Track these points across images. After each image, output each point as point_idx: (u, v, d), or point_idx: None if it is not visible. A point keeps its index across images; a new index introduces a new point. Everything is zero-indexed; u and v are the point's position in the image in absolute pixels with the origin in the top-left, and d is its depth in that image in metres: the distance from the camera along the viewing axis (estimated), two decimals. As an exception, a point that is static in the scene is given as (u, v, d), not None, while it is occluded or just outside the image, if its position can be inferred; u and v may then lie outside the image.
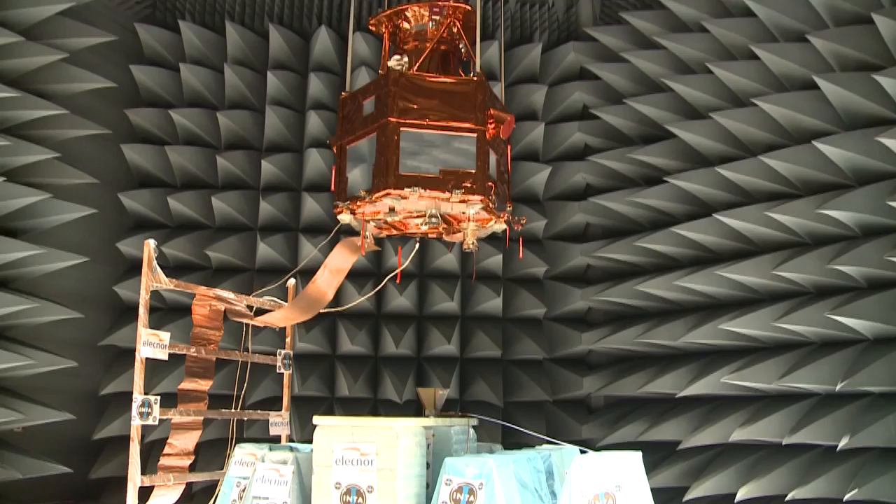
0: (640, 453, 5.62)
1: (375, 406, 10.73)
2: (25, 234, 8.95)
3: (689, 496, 9.16)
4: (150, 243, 6.33)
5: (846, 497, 7.49)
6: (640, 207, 10.43)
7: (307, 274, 7.96)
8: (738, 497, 8.58)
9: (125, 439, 6.28)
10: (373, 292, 9.13)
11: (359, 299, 8.80)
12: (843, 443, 7.71)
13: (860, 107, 7.97)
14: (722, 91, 9.35)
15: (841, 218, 8.07)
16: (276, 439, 7.69)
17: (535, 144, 11.30)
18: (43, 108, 8.96)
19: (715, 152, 9.47)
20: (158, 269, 6.35)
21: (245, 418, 8.33)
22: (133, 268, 10.47)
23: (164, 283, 6.39)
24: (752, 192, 9.10)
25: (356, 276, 10.07)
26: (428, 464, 5.66)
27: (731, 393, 9.24)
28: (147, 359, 6.19)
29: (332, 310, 7.86)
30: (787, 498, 8.17)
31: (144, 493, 6.16)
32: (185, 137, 11.06)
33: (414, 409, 9.92)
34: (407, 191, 5.74)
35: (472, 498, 5.00)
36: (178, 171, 10.99)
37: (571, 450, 6.36)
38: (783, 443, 8.36)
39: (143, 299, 6.24)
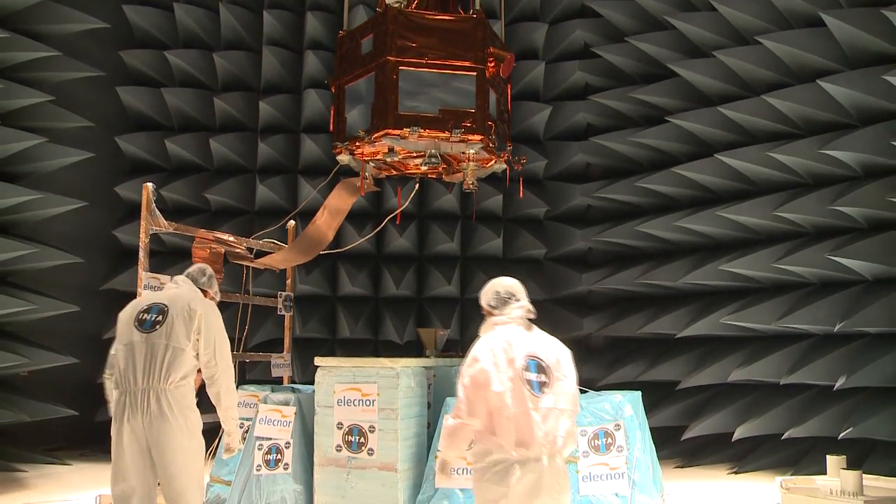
0: (639, 393, 5.67)
1: (376, 347, 10.82)
2: (23, 179, 8.89)
3: (687, 435, 9.29)
4: (149, 186, 6.28)
5: (841, 436, 7.59)
6: (640, 147, 10.36)
7: (307, 216, 7.94)
8: (736, 436, 8.70)
9: (129, 381, 6.33)
10: (373, 233, 9.11)
11: (359, 240, 8.80)
12: (839, 383, 7.78)
13: (867, 44, 7.84)
14: (725, 28, 9.20)
15: (843, 158, 8.01)
16: (278, 381, 7.75)
17: (536, 83, 11.18)
18: (35, 49, 8.81)
19: (717, 91, 9.36)
20: (157, 212, 6.31)
21: (247, 360, 8.39)
22: (132, 211, 10.45)
23: (164, 227, 6.36)
24: (754, 132, 9.02)
25: (356, 218, 10.06)
26: (429, 404, 5.71)
27: (729, 334, 9.30)
28: (148, 302, 6.20)
29: (333, 251, 7.86)
30: (784, 437, 8.28)
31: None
32: (181, 79, 10.92)
33: (415, 349, 10.00)
34: (406, 131, 5.69)
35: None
36: (175, 114, 10.88)
37: (571, 389, 6.41)
38: (780, 383, 8.44)
39: (143, 243, 6.22)
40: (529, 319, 3.70)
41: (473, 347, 3.56)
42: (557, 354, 3.65)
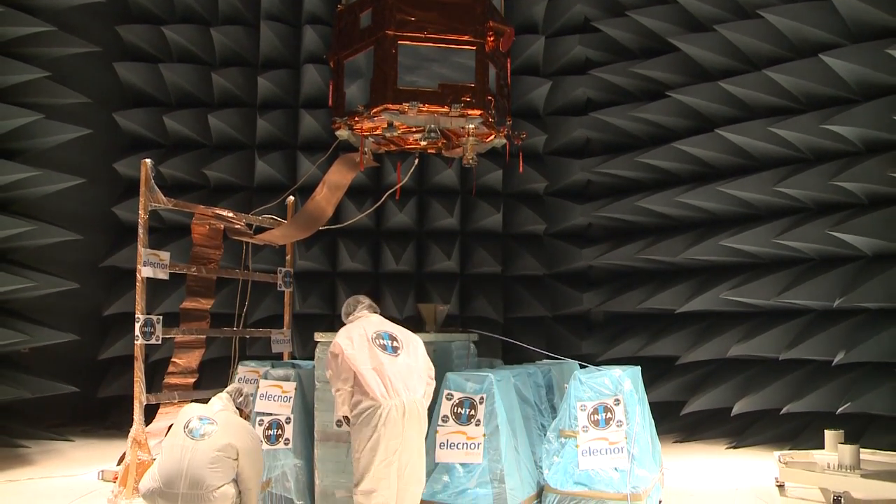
0: (639, 368, 5.69)
1: (376, 323, 10.81)
2: (20, 156, 8.85)
3: (686, 410, 9.33)
4: (148, 163, 6.25)
5: (839, 410, 7.63)
6: (640, 122, 10.31)
7: (306, 191, 7.91)
8: (735, 411, 8.75)
9: (130, 359, 6.34)
10: (372, 209, 9.09)
11: (358, 216, 8.76)
12: (838, 358, 7.80)
13: (870, 17, 7.77)
14: (726, 2, 9.11)
15: (845, 133, 7.97)
16: (279, 356, 7.77)
17: (536, 58, 11.10)
18: (30, 24, 8.73)
19: (718, 66, 9.30)
20: (156, 188, 6.30)
21: (247, 336, 8.41)
22: (130, 188, 10.41)
23: (163, 203, 6.35)
24: (755, 107, 8.97)
25: (355, 193, 10.02)
26: (429, 379, 5.73)
27: (729, 309, 9.31)
28: (148, 279, 6.20)
29: (332, 227, 7.85)
30: (782, 412, 8.32)
31: (150, 410, 6.26)
32: (178, 54, 10.84)
33: (415, 325, 10.00)
34: (405, 105, 5.66)
35: (472, 412, 5.08)
36: (173, 89, 10.81)
37: (571, 364, 6.44)
38: (779, 358, 8.47)
39: (142, 219, 6.21)
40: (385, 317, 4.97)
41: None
42: (408, 334, 4.87)
